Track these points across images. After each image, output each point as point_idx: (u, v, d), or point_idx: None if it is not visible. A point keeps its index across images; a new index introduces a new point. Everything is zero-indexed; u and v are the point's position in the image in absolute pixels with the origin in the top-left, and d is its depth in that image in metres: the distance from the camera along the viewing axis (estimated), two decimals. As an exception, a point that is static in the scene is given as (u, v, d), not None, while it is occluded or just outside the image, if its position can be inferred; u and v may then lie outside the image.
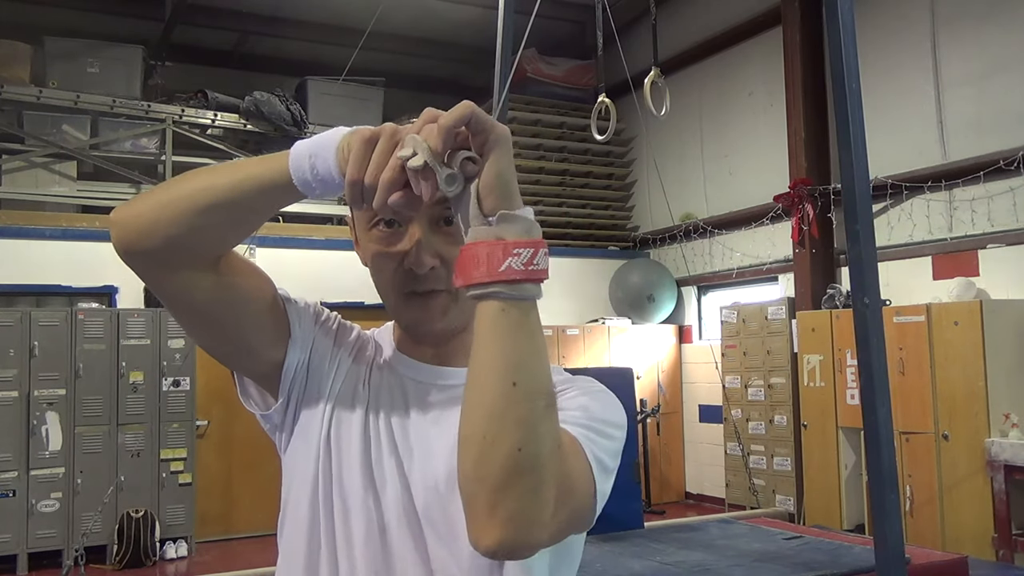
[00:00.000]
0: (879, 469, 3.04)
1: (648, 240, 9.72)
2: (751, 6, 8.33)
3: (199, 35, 9.43)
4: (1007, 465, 5.46)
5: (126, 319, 6.89)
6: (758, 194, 8.07)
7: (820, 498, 6.85)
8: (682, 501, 8.99)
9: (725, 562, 3.87)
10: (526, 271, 0.84)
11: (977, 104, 6.43)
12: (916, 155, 6.76)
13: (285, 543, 1.09)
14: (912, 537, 5.70)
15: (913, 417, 6.06)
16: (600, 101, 5.55)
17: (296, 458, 1.09)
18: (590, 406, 1.03)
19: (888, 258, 6.54)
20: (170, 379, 6.92)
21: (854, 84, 3.11)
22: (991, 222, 6.25)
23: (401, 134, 0.87)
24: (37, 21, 8.52)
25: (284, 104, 8.84)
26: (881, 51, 6.95)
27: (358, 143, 0.88)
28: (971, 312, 5.80)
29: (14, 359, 6.49)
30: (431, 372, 1.11)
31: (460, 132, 0.86)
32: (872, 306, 3.07)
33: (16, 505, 6.40)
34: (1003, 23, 6.27)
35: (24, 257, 7.19)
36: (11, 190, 7.75)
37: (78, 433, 6.62)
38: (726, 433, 7.89)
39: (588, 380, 1.11)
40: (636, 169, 10.08)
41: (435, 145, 0.85)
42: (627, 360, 8.36)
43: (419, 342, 1.11)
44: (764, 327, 7.66)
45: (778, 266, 8.02)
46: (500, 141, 0.87)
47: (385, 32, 8.44)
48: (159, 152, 8.44)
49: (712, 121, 8.90)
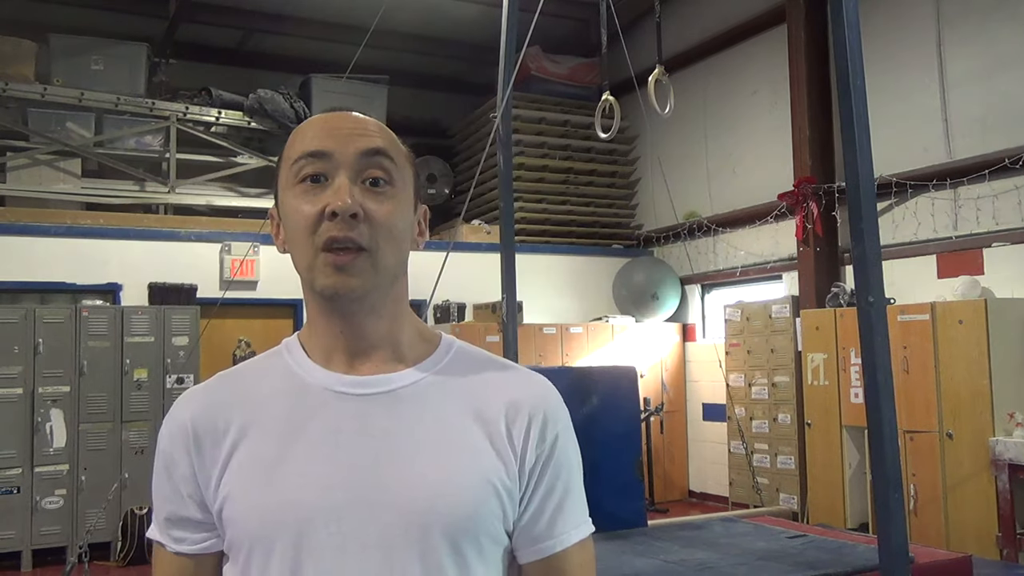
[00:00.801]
0: (883, 468, 3.03)
1: (652, 238, 9.71)
2: (755, 4, 8.31)
3: (203, 32, 9.44)
4: (1011, 464, 5.45)
5: (130, 316, 6.90)
6: (762, 192, 8.06)
7: (824, 497, 6.84)
8: (685, 499, 8.98)
9: (729, 560, 3.86)
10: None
11: (982, 102, 6.41)
12: (921, 153, 6.74)
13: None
14: (916, 536, 5.69)
15: (917, 416, 6.05)
16: (604, 99, 5.55)
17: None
18: (575, 487, 1.09)
19: (892, 256, 6.52)
20: (174, 376, 6.93)
21: (859, 82, 3.10)
22: (996, 220, 6.24)
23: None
24: (42, 18, 8.54)
25: (288, 102, 8.85)
26: (886, 49, 6.94)
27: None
28: (976, 311, 5.79)
29: (19, 356, 6.51)
30: (353, 383, 1.05)
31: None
32: (876, 304, 3.07)
33: (20, 502, 6.42)
34: (1009, 20, 6.25)
35: (28, 254, 7.21)
36: (16, 187, 7.76)
37: (82, 430, 6.64)
38: (730, 431, 7.88)
39: (565, 433, 1.10)
40: (640, 167, 10.07)
41: None
42: (631, 358, 8.35)
43: (333, 312, 1.04)
44: (768, 325, 7.65)
45: (782, 264, 8.01)
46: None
47: (389, 30, 8.43)
48: (163, 149, 8.45)
49: (716, 119, 8.89)
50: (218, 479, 1.02)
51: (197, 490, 1.03)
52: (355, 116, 1.07)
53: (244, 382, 1.08)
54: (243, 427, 1.03)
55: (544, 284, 9.08)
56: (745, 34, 8.50)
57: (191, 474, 1.04)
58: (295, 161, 1.03)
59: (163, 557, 1.07)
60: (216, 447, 1.03)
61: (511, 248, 4.92)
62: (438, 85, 10.75)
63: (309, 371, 1.06)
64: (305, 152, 1.02)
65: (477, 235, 8.89)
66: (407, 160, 1.09)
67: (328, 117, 1.06)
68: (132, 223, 7.76)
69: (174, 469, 1.05)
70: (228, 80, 9.11)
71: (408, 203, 1.07)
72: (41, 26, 8.30)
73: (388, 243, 1.02)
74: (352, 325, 1.05)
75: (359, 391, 1.04)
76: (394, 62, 9.68)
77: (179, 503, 1.04)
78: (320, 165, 1.01)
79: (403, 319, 1.09)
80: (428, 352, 1.09)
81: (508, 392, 1.07)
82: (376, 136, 1.05)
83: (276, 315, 8.12)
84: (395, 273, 1.06)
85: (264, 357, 1.12)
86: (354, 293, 1.01)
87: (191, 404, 1.07)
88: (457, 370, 1.08)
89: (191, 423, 1.05)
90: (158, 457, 1.07)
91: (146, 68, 8.61)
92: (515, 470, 1.03)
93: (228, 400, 1.06)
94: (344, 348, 1.06)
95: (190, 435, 1.04)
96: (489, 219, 9.18)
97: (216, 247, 7.87)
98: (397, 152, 1.07)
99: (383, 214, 1.02)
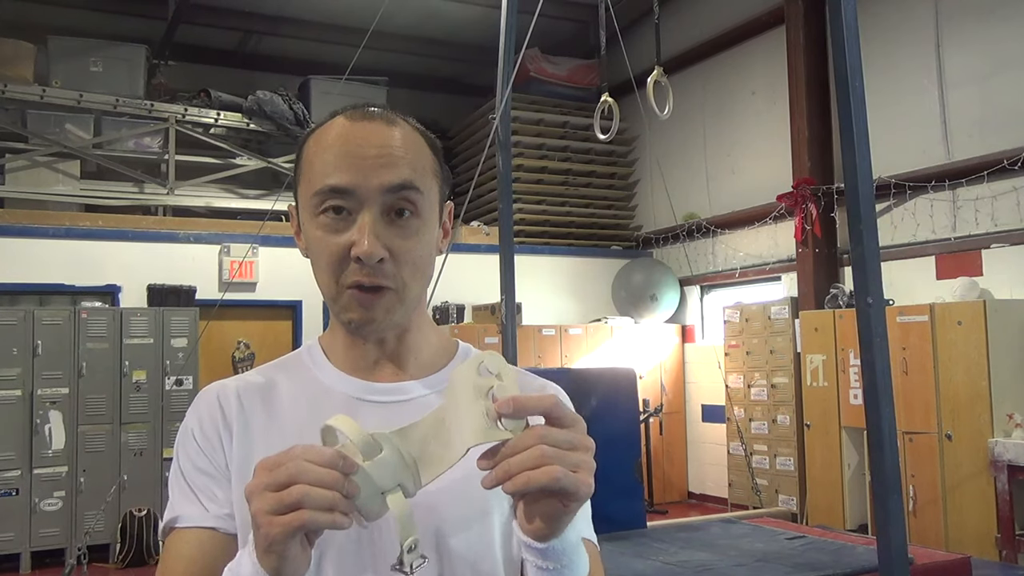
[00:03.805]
0: (882, 469, 3.03)
1: (651, 239, 9.72)
2: (754, 5, 8.32)
3: (202, 34, 9.44)
4: (1010, 465, 5.45)
5: (129, 318, 6.89)
6: (761, 193, 8.06)
7: (823, 498, 6.85)
8: (685, 501, 8.98)
9: (728, 562, 3.86)
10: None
11: (981, 103, 6.42)
12: (920, 154, 6.75)
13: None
14: (915, 537, 5.70)
15: (916, 417, 6.05)
16: (603, 100, 5.56)
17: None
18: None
19: (891, 258, 6.53)
20: (173, 378, 6.92)
21: (857, 83, 3.10)
22: (995, 222, 6.24)
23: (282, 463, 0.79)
24: (40, 20, 8.54)
25: (287, 103, 8.85)
26: (884, 50, 6.94)
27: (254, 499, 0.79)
28: (975, 312, 5.79)
29: (17, 358, 6.50)
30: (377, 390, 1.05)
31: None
32: (875, 306, 3.07)
33: (19, 504, 6.41)
34: (1007, 22, 6.25)
35: (27, 256, 7.20)
36: (14, 189, 7.76)
37: (81, 432, 6.63)
38: (729, 433, 7.89)
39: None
40: (639, 168, 10.08)
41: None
42: (630, 360, 8.35)
43: (357, 341, 1.05)
44: (767, 327, 7.66)
45: (781, 266, 8.01)
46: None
47: (388, 31, 8.43)
48: (162, 151, 8.46)
49: (715, 120, 8.89)
50: (236, 471, 1.02)
51: (227, 451, 1.03)
52: (379, 131, 1.01)
53: (267, 383, 1.08)
54: (265, 426, 1.03)
55: (543, 285, 9.08)
56: (744, 35, 8.51)
57: (219, 443, 1.03)
58: (316, 192, 1.00)
59: (185, 537, 1.00)
60: (241, 433, 1.03)
61: (510, 249, 4.91)
62: (437, 86, 10.76)
63: (331, 377, 1.07)
64: (327, 187, 0.99)
65: (476, 236, 8.88)
66: (433, 175, 1.05)
67: (350, 134, 1.00)
68: (131, 225, 7.75)
69: (209, 432, 1.03)
70: (227, 82, 9.11)
71: (434, 223, 1.05)
72: (40, 28, 8.30)
73: (414, 278, 1.02)
74: (376, 341, 1.06)
75: (380, 399, 1.04)
76: (393, 63, 9.69)
77: (215, 458, 1.02)
78: (342, 200, 0.98)
79: (424, 329, 1.10)
80: (446, 360, 1.10)
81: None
82: (402, 163, 1.00)
83: (275, 316, 8.11)
84: (420, 296, 1.06)
85: (284, 360, 1.12)
86: (380, 326, 1.02)
87: (223, 388, 1.07)
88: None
89: (220, 403, 1.05)
90: (183, 433, 1.05)
91: (145, 70, 8.61)
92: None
93: (253, 397, 1.06)
94: (366, 357, 1.06)
95: (218, 410, 1.04)
96: (488, 220, 9.18)
97: (215, 248, 7.87)
98: (423, 174, 1.02)
99: (408, 250, 1.00)
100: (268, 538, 0.78)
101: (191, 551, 0.99)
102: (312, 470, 0.78)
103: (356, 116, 1.02)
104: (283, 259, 7.61)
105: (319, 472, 0.78)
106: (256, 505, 0.78)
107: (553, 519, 0.83)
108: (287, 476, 0.78)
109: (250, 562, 0.82)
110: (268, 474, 0.79)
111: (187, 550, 0.99)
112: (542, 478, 0.79)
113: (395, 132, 1.02)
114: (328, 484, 0.77)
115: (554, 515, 0.82)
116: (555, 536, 0.84)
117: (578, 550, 0.88)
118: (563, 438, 0.81)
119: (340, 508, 0.78)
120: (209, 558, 0.98)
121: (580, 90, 9.88)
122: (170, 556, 0.99)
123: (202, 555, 0.98)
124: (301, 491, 0.77)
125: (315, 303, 7.71)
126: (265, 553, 0.80)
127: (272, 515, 0.77)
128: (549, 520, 0.83)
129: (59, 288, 7.32)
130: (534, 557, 0.87)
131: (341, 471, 0.78)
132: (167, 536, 1.01)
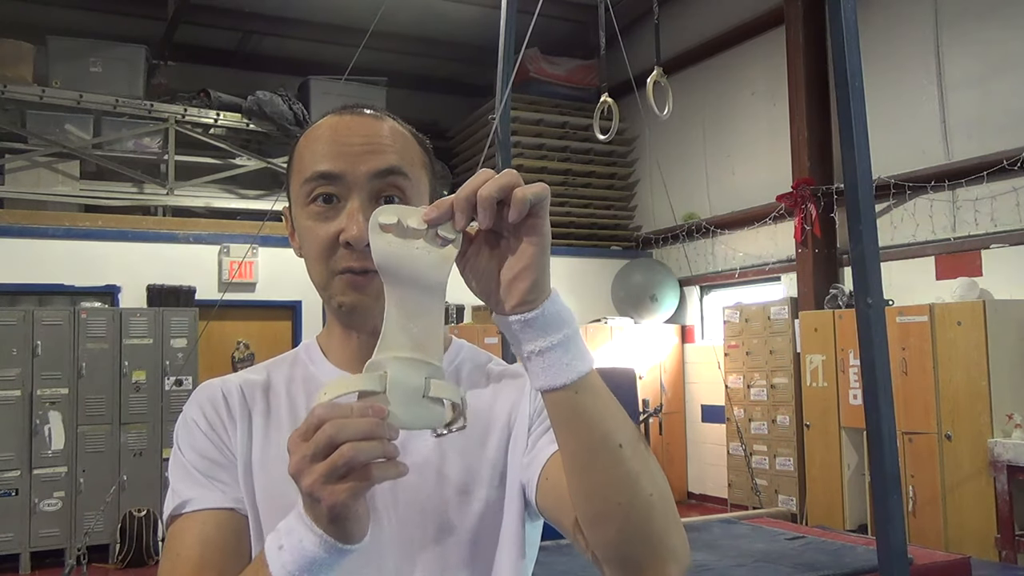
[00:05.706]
0: (882, 469, 3.03)
1: (651, 240, 9.72)
2: (753, 6, 8.32)
3: (202, 34, 9.44)
4: (1010, 465, 5.46)
5: (129, 318, 6.89)
6: (761, 194, 8.06)
7: (822, 498, 6.85)
8: (684, 501, 8.98)
9: (727, 562, 3.86)
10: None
11: (980, 104, 6.42)
12: (919, 155, 6.75)
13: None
14: (915, 537, 5.70)
15: (916, 417, 6.05)
16: (603, 101, 5.56)
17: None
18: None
19: (891, 258, 6.53)
20: (172, 378, 6.92)
21: (857, 83, 3.10)
22: (994, 222, 6.24)
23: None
24: (40, 20, 8.54)
25: (287, 104, 8.85)
26: (884, 50, 6.94)
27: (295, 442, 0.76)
28: (974, 312, 5.79)
29: (17, 358, 6.50)
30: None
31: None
32: (875, 306, 3.07)
33: (19, 504, 6.41)
34: (1007, 23, 6.25)
35: (27, 256, 7.20)
36: (14, 189, 7.75)
37: (81, 432, 6.63)
38: (728, 433, 7.89)
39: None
40: (639, 169, 10.08)
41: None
42: (629, 360, 8.36)
43: (352, 323, 1.05)
44: (767, 327, 7.66)
45: (781, 266, 8.01)
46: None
47: (388, 32, 8.43)
48: (162, 151, 8.45)
49: (715, 121, 8.89)
50: (243, 458, 1.02)
51: (231, 442, 1.03)
52: (367, 123, 1.03)
53: (266, 380, 1.09)
54: (264, 423, 1.05)
55: (543, 286, 9.06)
56: (743, 36, 8.51)
57: (224, 433, 1.04)
58: (305, 180, 1.01)
59: (200, 518, 0.98)
60: (245, 427, 1.04)
61: (510, 250, 4.91)
62: (437, 87, 10.76)
63: (327, 373, 1.07)
64: (315, 173, 1.00)
65: (476, 237, 8.87)
66: (422, 166, 1.06)
67: (338, 126, 1.03)
68: (131, 225, 7.75)
69: (214, 421, 1.04)
70: (227, 82, 9.11)
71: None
72: (39, 28, 8.30)
73: None
74: (369, 333, 1.05)
75: None
76: (393, 64, 9.69)
77: (221, 446, 1.03)
78: (331, 187, 1.00)
79: None
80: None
81: (513, 394, 1.08)
82: (389, 151, 1.01)
83: (275, 317, 8.11)
84: None
85: (282, 358, 1.13)
86: (372, 310, 1.01)
87: (225, 382, 1.08)
88: (467, 372, 1.11)
89: (224, 395, 1.06)
90: (184, 425, 1.05)
91: (145, 70, 8.60)
92: (522, 446, 1.03)
93: (255, 392, 1.07)
94: (361, 351, 1.06)
95: (222, 401, 1.05)
96: (488, 221, 9.16)
97: (215, 249, 7.87)
98: (411, 163, 1.03)
99: None
100: (335, 508, 0.75)
101: (208, 532, 0.96)
102: (350, 424, 0.74)
103: (345, 112, 1.05)
104: (283, 259, 7.60)
105: (357, 424, 0.74)
106: (308, 480, 0.74)
107: (531, 269, 0.80)
108: (327, 439, 0.73)
109: (316, 539, 0.78)
110: (306, 445, 0.74)
111: (204, 531, 0.96)
112: (492, 187, 0.77)
113: (383, 125, 1.04)
114: (370, 433, 0.74)
115: (531, 264, 0.80)
116: (543, 292, 0.81)
117: (575, 324, 0.84)
118: (496, 177, 0.79)
119: (391, 453, 0.75)
120: (232, 538, 0.97)
121: (580, 90, 9.88)
122: (181, 543, 0.96)
123: (222, 536, 0.96)
124: (351, 449, 0.73)
125: (315, 303, 7.70)
126: (331, 523, 0.77)
127: (331, 483, 0.74)
128: (527, 273, 0.80)
129: (59, 288, 7.31)
130: (532, 335, 0.81)
131: (375, 416, 0.75)
132: (173, 523, 0.99)
